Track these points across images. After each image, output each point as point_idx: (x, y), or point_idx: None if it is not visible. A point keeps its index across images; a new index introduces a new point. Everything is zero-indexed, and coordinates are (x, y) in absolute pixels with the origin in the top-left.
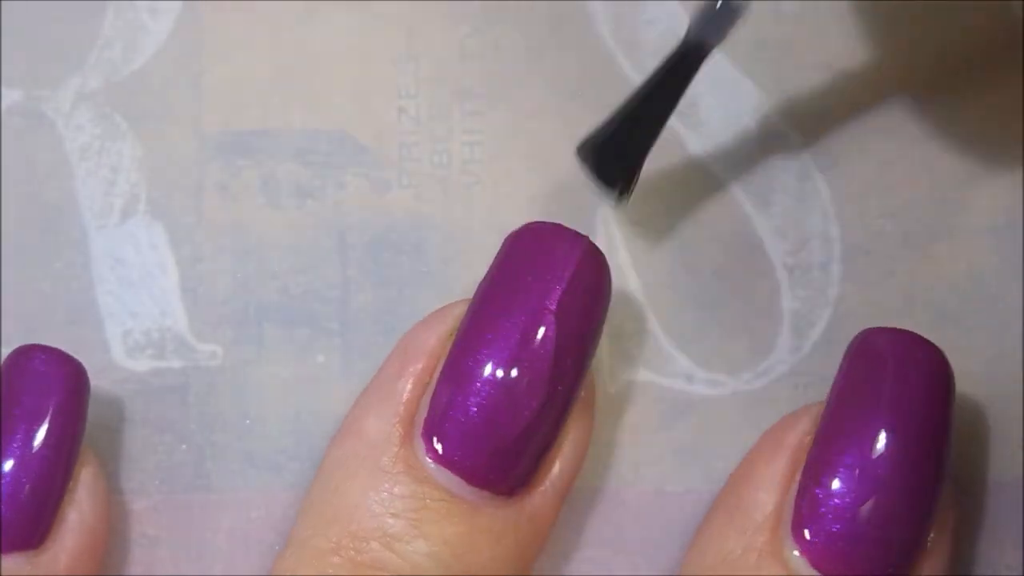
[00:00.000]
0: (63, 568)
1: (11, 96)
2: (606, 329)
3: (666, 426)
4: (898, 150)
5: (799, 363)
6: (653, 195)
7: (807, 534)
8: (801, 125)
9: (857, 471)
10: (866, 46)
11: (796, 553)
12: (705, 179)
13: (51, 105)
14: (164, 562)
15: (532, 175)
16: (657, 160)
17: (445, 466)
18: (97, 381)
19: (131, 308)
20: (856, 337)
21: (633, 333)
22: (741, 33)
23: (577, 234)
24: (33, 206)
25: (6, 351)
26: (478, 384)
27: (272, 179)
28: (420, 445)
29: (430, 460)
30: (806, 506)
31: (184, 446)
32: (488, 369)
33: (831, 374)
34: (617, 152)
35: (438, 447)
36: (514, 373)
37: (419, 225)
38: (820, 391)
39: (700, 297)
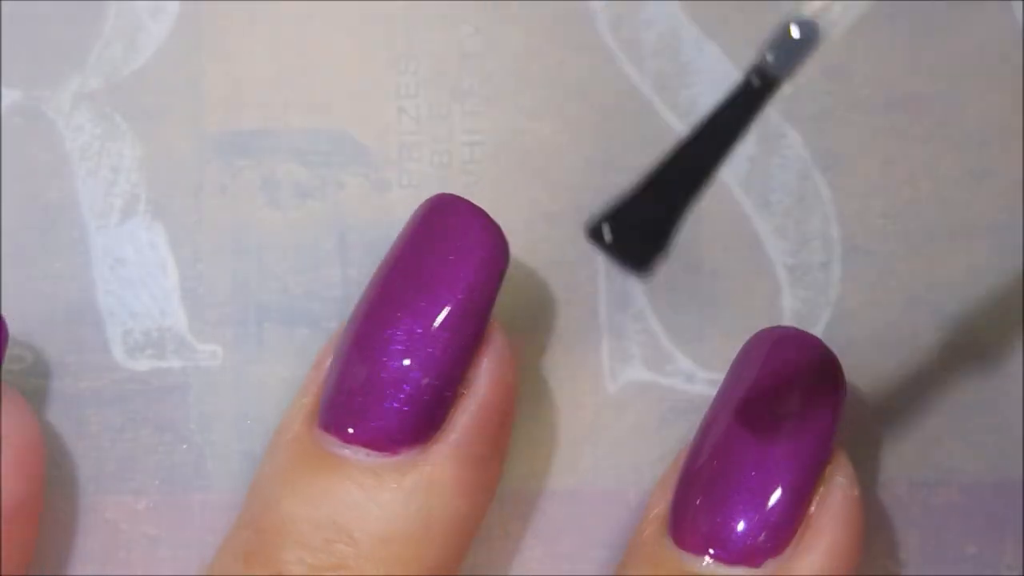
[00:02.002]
0: None
1: (11, 96)
2: (605, 329)
3: (666, 426)
4: (898, 150)
5: None
6: None
7: (675, 516)
8: (801, 125)
9: (719, 454)
10: (866, 46)
11: (668, 538)
12: None
13: (51, 105)
14: (164, 562)
15: (532, 175)
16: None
17: (322, 427)
18: (97, 381)
19: (131, 308)
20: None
21: (633, 333)
22: (742, 33)
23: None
24: (33, 206)
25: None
26: (354, 350)
27: (272, 179)
28: (315, 419)
29: (318, 428)
30: (679, 491)
31: (184, 446)
32: (360, 336)
33: None
34: (656, 217)
35: (322, 413)
36: (384, 337)
37: None
38: None
39: (700, 297)
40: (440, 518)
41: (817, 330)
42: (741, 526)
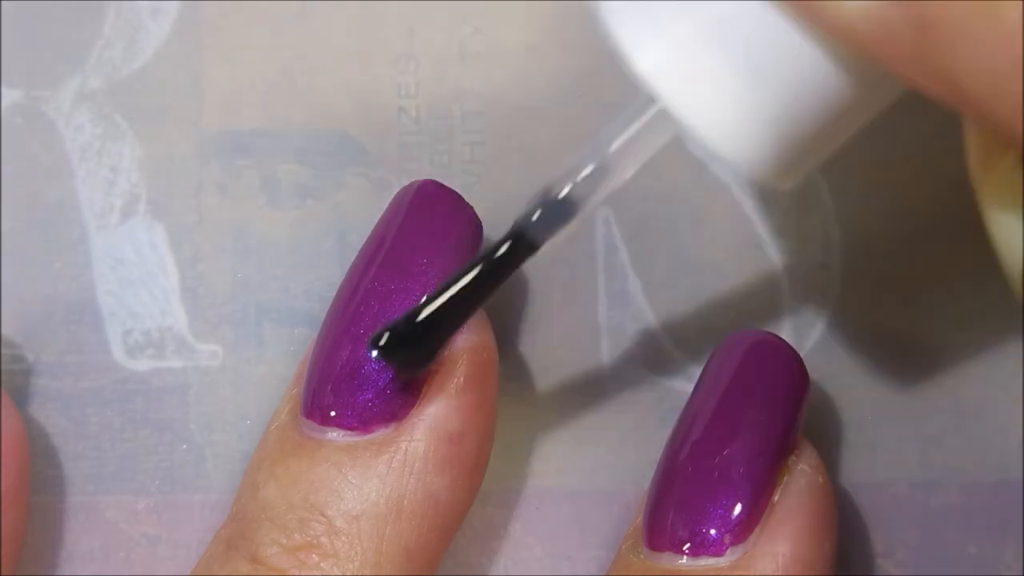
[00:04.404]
0: None
1: (11, 96)
2: (605, 329)
3: (666, 426)
4: (898, 150)
5: None
6: (653, 195)
7: (644, 518)
8: None
9: (681, 455)
10: None
11: (642, 542)
12: (705, 179)
13: (51, 105)
14: (164, 562)
15: (532, 175)
16: (657, 160)
17: (304, 414)
18: (97, 381)
19: (131, 308)
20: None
21: (633, 333)
22: None
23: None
24: (33, 206)
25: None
26: (328, 336)
27: (272, 179)
28: (300, 407)
29: (301, 415)
30: (649, 495)
31: (184, 446)
32: (334, 322)
33: (831, 374)
34: (424, 340)
35: (303, 400)
36: (355, 321)
37: None
38: (820, 391)
39: (700, 297)
40: (413, 494)
41: (817, 330)
42: (702, 517)
